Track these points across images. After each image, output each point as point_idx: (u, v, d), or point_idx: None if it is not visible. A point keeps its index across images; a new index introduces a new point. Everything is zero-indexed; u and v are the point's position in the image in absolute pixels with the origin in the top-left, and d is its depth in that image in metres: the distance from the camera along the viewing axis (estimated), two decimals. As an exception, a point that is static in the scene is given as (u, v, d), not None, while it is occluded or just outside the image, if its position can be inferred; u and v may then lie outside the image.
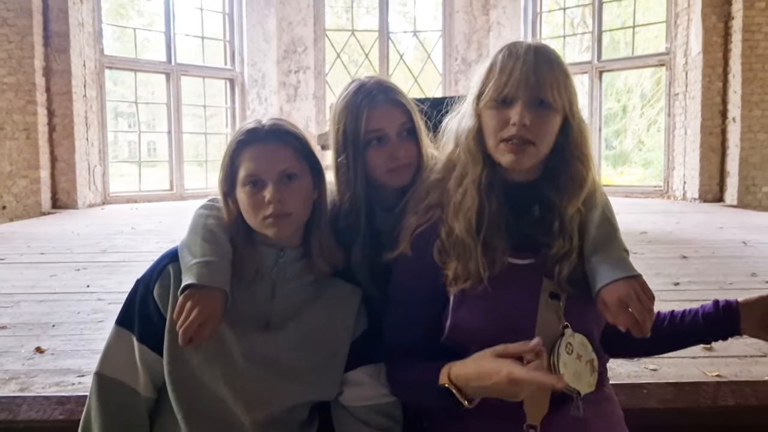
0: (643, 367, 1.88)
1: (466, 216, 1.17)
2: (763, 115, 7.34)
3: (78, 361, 1.99)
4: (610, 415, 1.26)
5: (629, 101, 20.52)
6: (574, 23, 13.21)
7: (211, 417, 1.18)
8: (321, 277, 1.29)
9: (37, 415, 1.51)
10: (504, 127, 1.14)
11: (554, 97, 1.13)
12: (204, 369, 1.18)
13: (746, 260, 3.71)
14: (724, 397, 1.57)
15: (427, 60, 10.37)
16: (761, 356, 2.01)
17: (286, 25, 9.56)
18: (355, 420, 1.26)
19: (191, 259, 1.19)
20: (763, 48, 7.30)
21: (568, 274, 1.15)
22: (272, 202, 1.18)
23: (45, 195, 7.19)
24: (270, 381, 1.19)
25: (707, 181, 7.64)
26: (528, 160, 1.15)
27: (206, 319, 1.12)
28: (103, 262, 3.82)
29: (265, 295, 1.24)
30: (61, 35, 7.22)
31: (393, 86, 1.41)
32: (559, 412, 1.15)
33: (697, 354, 2.03)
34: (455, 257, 1.16)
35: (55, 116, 7.28)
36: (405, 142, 1.35)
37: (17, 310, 2.66)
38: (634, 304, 1.08)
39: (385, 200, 1.39)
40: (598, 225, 1.21)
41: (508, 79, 1.13)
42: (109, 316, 2.55)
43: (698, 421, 1.52)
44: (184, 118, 8.98)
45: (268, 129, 1.23)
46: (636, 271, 1.13)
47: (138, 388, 1.22)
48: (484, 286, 1.14)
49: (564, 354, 1.14)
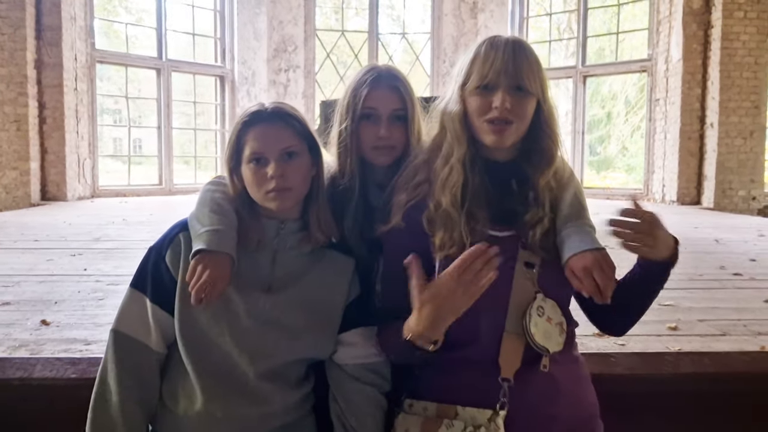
0: (612, 342, 2.03)
1: (452, 190, 1.31)
2: (740, 121, 7.59)
3: (83, 332, 2.10)
4: (577, 376, 1.39)
5: (614, 108, 20.84)
6: (560, 29, 13.46)
7: (218, 369, 1.30)
8: (318, 248, 1.41)
9: (50, 374, 1.62)
10: (488, 111, 1.28)
11: (530, 83, 1.28)
12: (212, 326, 1.30)
13: (717, 255, 3.89)
14: (684, 365, 1.72)
15: (416, 62, 10.52)
16: (721, 335, 2.18)
17: (277, 24, 9.68)
18: (348, 377, 1.39)
19: (201, 228, 1.31)
20: (740, 56, 7.55)
21: (540, 240, 1.30)
22: (274, 178, 1.31)
23: (34, 187, 7.24)
24: (271, 337, 1.32)
25: (685, 184, 7.88)
26: (509, 138, 1.30)
27: (215, 281, 1.24)
28: (98, 249, 3.91)
29: (267, 262, 1.37)
30: (54, 29, 7.29)
31: (399, 75, 1.56)
32: (530, 367, 1.28)
33: (662, 332, 2.19)
34: (442, 227, 1.30)
35: (45, 109, 7.34)
36: (393, 125, 1.49)
37: (19, 289, 2.76)
38: (597, 272, 1.22)
39: (377, 178, 1.53)
40: (570, 204, 1.35)
41: (490, 67, 1.27)
42: (109, 295, 2.66)
43: (660, 387, 1.67)
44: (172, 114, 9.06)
45: (271, 111, 1.36)
46: (600, 245, 1.27)
47: (150, 344, 1.33)
48: None
49: (535, 316, 1.28)
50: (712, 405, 1.70)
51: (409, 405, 1.36)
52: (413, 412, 1.34)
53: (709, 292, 2.90)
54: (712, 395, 1.69)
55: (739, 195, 7.65)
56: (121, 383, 1.30)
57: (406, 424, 1.33)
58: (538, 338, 1.26)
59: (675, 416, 1.70)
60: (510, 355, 1.28)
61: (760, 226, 5.63)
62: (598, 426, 1.39)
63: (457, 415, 1.28)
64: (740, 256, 3.89)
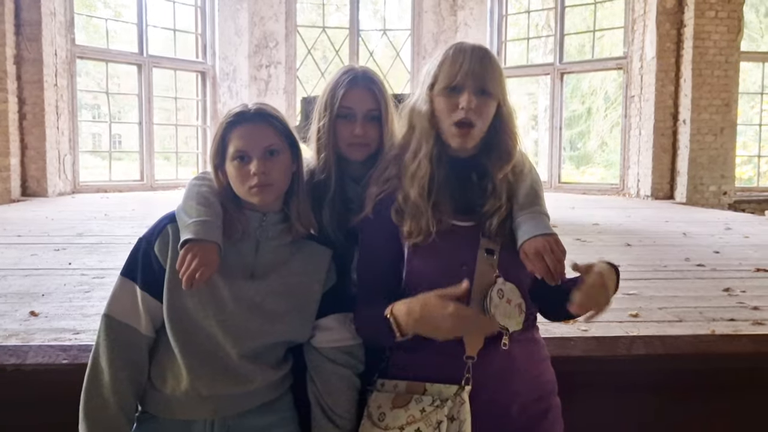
0: (575, 328, 2.16)
1: (419, 183, 1.42)
2: (711, 118, 7.81)
3: (72, 322, 2.18)
4: (536, 356, 1.52)
5: (593, 103, 21.12)
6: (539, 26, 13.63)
7: (203, 350, 1.40)
8: (298, 239, 1.52)
9: (43, 360, 1.71)
10: (454, 111, 1.40)
11: (493, 87, 1.41)
12: (198, 310, 1.40)
13: (683, 248, 4.06)
14: (637, 347, 1.86)
15: (396, 58, 10.62)
16: (677, 321, 2.32)
17: (258, 19, 9.71)
18: (324, 358, 1.50)
19: (188, 219, 1.41)
20: (712, 54, 7.76)
21: (498, 228, 1.42)
22: (257, 174, 1.41)
23: (15, 182, 7.22)
24: (254, 321, 1.42)
25: (659, 179, 8.09)
26: (471, 141, 1.42)
27: (203, 267, 1.34)
28: (81, 243, 3.97)
29: (250, 251, 1.47)
30: (33, 24, 7.26)
31: (374, 77, 1.67)
32: (491, 346, 1.40)
33: (623, 319, 2.33)
34: (410, 217, 1.42)
35: (25, 104, 7.31)
36: (368, 124, 1.60)
37: (5, 282, 2.82)
38: (548, 255, 1.34)
39: (353, 172, 1.63)
40: (526, 194, 1.47)
41: (457, 71, 1.39)
42: (95, 288, 2.73)
43: (615, 367, 1.81)
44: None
45: (254, 111, 1.46)
46: (552, 231, 1.40)
47: (140, 328, 1.43)
48: (433, 241, 1.39)
49: (495, 298, 1.40)
50: (663, 382, 1.84)
51: (381, 384, 1.47)
52: (385, 390, 1.46)
53: (671, 282, 3.05)
54: (662, 374, 1.83)
55: (710, 190, 7.88)
56: (112, 364, 1.39)
57: (379, 401, 1.44)
58: (498, 318, 1.38)
59: (629, 393, 1.84)
60: (474, 336, 1.40)
61: (728, 220, 5.83)
62: (555, 403, 1.52)
63: (426, 391, 1.40)
64: (705, 249, 4.06)
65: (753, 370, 1.89)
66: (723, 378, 1.89)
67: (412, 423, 1.37)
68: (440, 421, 1.34)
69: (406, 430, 1.36)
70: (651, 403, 1.83)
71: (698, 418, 1.88)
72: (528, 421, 1.44)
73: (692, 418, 1.88)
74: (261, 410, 1.47)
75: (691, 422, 1.88)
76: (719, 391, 1.89)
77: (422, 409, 1.37)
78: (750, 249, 4.12)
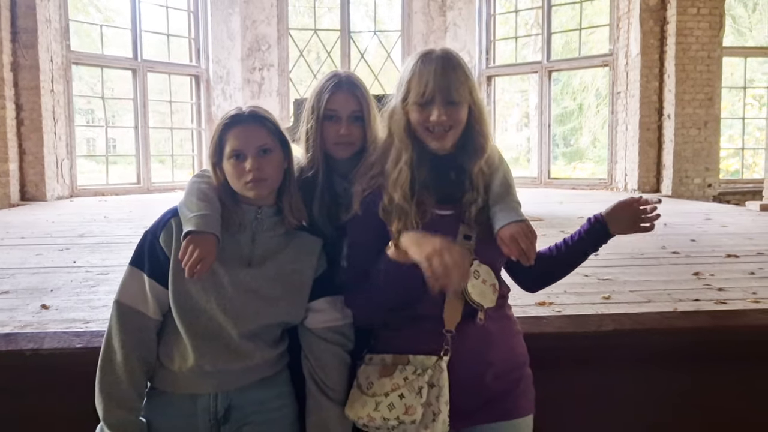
0: (551, 310, 2.33)
1: (402, 188, 1.58)
2: (695, 112, 8.00)
3: (81, 314, 2.34)
4: (509, 330, 1.68)
5: (585, 100, 21.30)
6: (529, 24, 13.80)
7: (206, 331, 1.56)
8: (290, 229, 1.67)
9: (59, 345, 1.86)
10: (427, 121, 1.56)
11: (460, 95, 1.56)
12: (201, 295, 1.55)
13: (661, 237, 4.24)
14: (606, 324, 2.03)
15: (387, 58, 10.79)
16: (646, 302, 2.49)
17: (250, 23, 9.87)
18: (317, 338, 1.65)
19: (189, 213, 1.56)
20: (694, 50, 7.96)
21: (475, 216, 1.58)
22: (252, 170, 1.56)
23: (14, 187, 7.36)
24: (251, 304, 1.58)
25: (645, 173, 8.28)
26: (448, 142, 1.58)
27: (204, 257, 1.50)
28: (83, 243, 4.12)
29: (247, 242, 1.63)
30: (29, 31, 7.40)
31: (358, 82, 1.81)
32: (468, 320, 1.56)
33: (595, 301, 2.50)
34: (397, 217, 1.57)
35: (23, 110, 7.45)
36: (352, 125, 1.75)
37: (14, 279, 2.97)
38: (521, 239, 1.51)
39: (340, 168, 1.79)
40: (499, 185, 1.63)
41: (425, 86, 1.55)
42: (100, 283, 2.89)
43: (584, 342, 1.97)
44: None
45: (248, 114, 1.62)
46: (524, 217, 1.56)
47: (148, 312, 1.58)
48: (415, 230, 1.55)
49: (472, 278, 1.56)
50: (629, 355, 2.02)
51: (370, 359, 1.63)
52: (373, 363, 1.61)
53: (646, 268, 3.23)
54: (629, 347, 2.00)
55: (695, 182, 8.07)
56: (124, 346, 1.54)
57: (367, 372, 1.60)
58: (474, 296, 1.54)
59: (598, 365, 2.01)
60: (452, 311, 1.56)
61: (710, 211, 6.02)
62: (527, 373, 1.68)
63: (409, 362, 1.56)
64: (683, 237, 4.25)
65: (711, 343, 2.07)
66: (685, 350, 2.06)
67: (397, 389, 1.52)
68: (421, 387, 1.50)
69: (391, 396, 1.52)
70: (619, 375, 2.01)
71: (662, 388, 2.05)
72: (501, 389, 1.60)
73: (656, 388, 2.05)
74: (260, 385, 1.62)
75: (655, 392, 2.05)
76: (682, 362, 2.07)
77: (405, 377, 1.53)
78: (725, 237, 4.31)
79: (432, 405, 1.48)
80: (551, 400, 1.70)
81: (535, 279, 1.75)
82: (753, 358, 2.11)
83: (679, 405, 2.08)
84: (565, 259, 1.73)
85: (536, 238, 1.53)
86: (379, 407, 1.51)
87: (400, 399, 1.50)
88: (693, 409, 2.09)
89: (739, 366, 2.09)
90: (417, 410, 1.47)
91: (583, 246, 1.71)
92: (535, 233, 1.54)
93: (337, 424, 1.60)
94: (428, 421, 1.48)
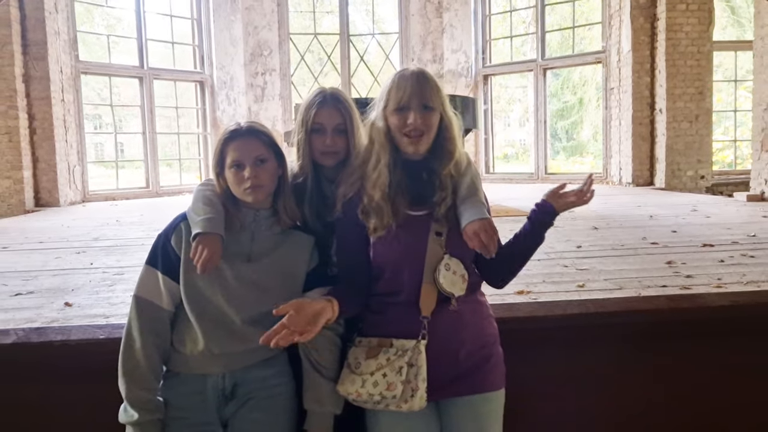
0: (528, 297, 2.55)
1: (381, 188, 1.80)
2: (686, 106, 8.19)
3: (101, 310, 2.59)
4: (480, 313, 1.90)
5: (585, 94, 21.43)
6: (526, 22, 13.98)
7: (213, 318, 1.79)
8: (285, 229, 1.91)
9: (84, 336, 2.11)
10: (404, 126, 1.79)
11: (433, 102, 1.79)
12: (207, 288, 1.79)
13: (644, 229, 4.45)
14: (571, 308, 2.25)
15: (386, 60, 11.01)
16: (618, 288, 2.71)
17: (252, 29, 10.12)
18: (311, 324, 1.89)
19: (197, 217, 1.80)
20: (684, 46, 8.14)
21: (445, 214, 1.80)
22: (250, 178, 1.80)
23: (28, 194, 7.66)
24: (252, 294, 1.81)
25: (639, 167, 8.48)
26: (422, 146, 1.81)
27: (212, 255, 1.73)
28: (98, 246, 4.37)
29: (247, 240, 1.86)
30: (39, 44, 7.69)
31: (342, 97, 2.04)
32: (442, 307, 1.78)
33: (570, 290, 2.72)
34: (374, 215, 1.80)
35: (35, 120, 7.74)
36: (336, 136, 1.98)
37: (37, 281, 3.23)
38: (483, 234, 1.73)
39: (328, 174, 2.02)
40: (467, 187, 1.86)
41: (403, 93, 1.78)
42: (116, 282, 3.14)
43: (549, 324, 2.20)
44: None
45: (245, 129, 1.85)
46: (487, 215, 1.78)
47: (162, 304, 1.81)
48: (392, 230, 1.78)
49: (443, 270, 1.78)
50: (593, 335, 2.25)
51: (359, 341, 1.85)
52: (361, 345, 1.84)
53: (623, 258, 3.44)
54: (593, 328, 2.23)
55: (688, 175, 8.26)
56: (142, 334, 1.77)
57: (356, 354, 1.82)
58: (446, 286, 1.76)
59: (564, 345, 2.25)
60: (427, 299, 1.78)
61: (698, 203, 6.21)
62: (497, 351, 1.89)
63: (392, 345, 1.78)
64: (665, 229, 4.45)
65: (669, 324, 2.29)
66: (645, 330, 2.29)
67: (380, 369, 1.75)
68: (401, 366, 1.72)
69: (376, 375, 1.75)
70: (584, 352, 2.24)
71: (625, 365, 2.29)
72: (473, 365, 1.82)
73: (619, 364, 2.29)
74: (261, 365, 1.84)
75: (619, 368, 2.29)
76: (642, 341, 2.30)
77: (388, 358, 1.76)
78: (706, 227, 4.51)
79: (411, 382, 1.69)
80: (521, 376, 1.92)
81: (496, 272, 1.92)
82: (707, 336, 2.33)
83: (641, 379, 2.31)
84: (520, 250, 1.89)
85: (497, 234, 1.76)
86: (365, 384, 1.72)
87: (383, 377, 1.71)
88: (655, 383, 2.32)
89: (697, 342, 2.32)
90: (397, 387, 1.68)
91: (534, 231, 1.85)
92: (496, 229, 1.75)
93: (329, 398, 1.81)
94: (407, 396, 1.69)
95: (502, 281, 1.94)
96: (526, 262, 1.92)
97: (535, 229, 1.85)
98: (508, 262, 1.92)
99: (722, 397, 2.33)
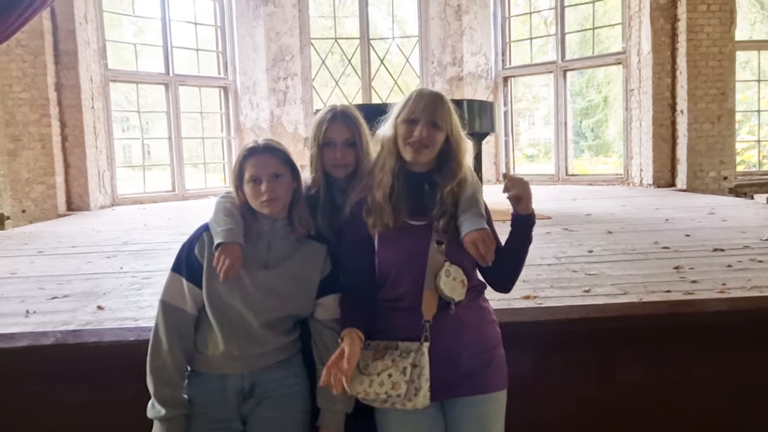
0: (534, 303, 2.65)
1: (383, 189, 1.93)
2: (707, 107, 8.15)
3: (131, 313, 2.76)
4: (482, 318, 2.00)
5: (610, 92, 21.24)
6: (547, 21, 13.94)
7: (233, 322, 1.93)
8: (300, 238, 2.04)
9: (115, 338, 2.27)
10: (410, 137, 1.91)
11: (442, 122, 1.91)
12: (227, 293, 1.92)
13: (657, 233, 4.49)
14: (573, 312, 2.35)
15: (406, 63, 11.12)
16: (622, 294, 2.79)
17: (274, 35, 10.32)
18: (324, 327, 2.00)
19: (218, 228, 1.94)
20: (705, 47, 8.10)
21: (446, 226, 1.91)
22: (266, 192, 1.93)
23: (60, 199, 7.96)
24: (268, 299, 1.94)
25: (660, 168, 8.45)
26: (423, 157, 1.93)
27: (233, 263, 1.87)
28: (128, 251, 4.57)
29: (264, 248, 1.99)
30: (70, 53, 7.98)
31: (351, 113, 2.16)
32: (444, 311, 1.90)
33: (575, 295, 2.81)
34: (374, 213, 1.92)
35: (66, 127, 8.04)
36: (346, 150, 2.11)
37: (71, 285, 3.42)
38: (480, 244, 1.84)
39: (339, 186, 2.15)
40: (467, 200, 1.97)
41: (416, 108, 1.91)
42: (144, 287, 3.31)
43: (552, 327, 2.30)
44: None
45: (263, 146, 1.99)
46: (485, 226, 1.89)
47: (186, 308, 1.95)
48: (395, 236, 1.90)
49: (443, 277, 1.89)
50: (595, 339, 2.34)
51: (367, 344, 1.96)
52: (370, 348, 1.96)
53: (633, 263, 3.50)
54: (595, 333, 2.33)
55: (710, 176, 8.22)
56: (168, 336, 1.91)
57: (365, 356, 1.93)
58: (446, 292, 1.87)
59: (566, 349, 2.35)
60: (429, 304, 1.89)
61: (716, 205, 6.19)
62: (499, 354, 1.99)
63: (397, 347, 1.90)
64: (678, 233, 4.48)
65: (669, 328, 2.38)
66: (644, 334, 2.38)
67: (386, 369, 1.87)
68: (405, 367, 1.84)
69: (382, 375, 1.86)
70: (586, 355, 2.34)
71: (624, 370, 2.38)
72: (475, 367, 1.92)
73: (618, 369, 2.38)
74: (278, 366, 1.97)
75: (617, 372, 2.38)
76: (641, 344, 2.39)
77: (393, 359, 1.87)
78: (720, 231, 4.53)
79: (414, 382, 1.80)
80: (523, 378, 2.02)
81: (500, 277, 2.02)
82: (707, 341, 2.41)
83: (642, 382, 2.40)
84: (511, 255, 1.97)
85: (494, 243, 1.85)
86: (373, 384, 1.84)
87: (389, 377, 1.83)
88: (657, 386, 2.41)
89: (698, 347, 2.40)
90: (401, 386, 1.80)
91: (519, 233, 1.94)
92: (493, 239, 1.85)
93: (341, 397, 1.93)
94: (411, 395, 1.80)
95: (508, 283, 2.03)
96: (522, 262, 1.99)
97: (515, 230, 1.95)
98: (507, 265, 2.01)
99: (723, 402, 2.41)
